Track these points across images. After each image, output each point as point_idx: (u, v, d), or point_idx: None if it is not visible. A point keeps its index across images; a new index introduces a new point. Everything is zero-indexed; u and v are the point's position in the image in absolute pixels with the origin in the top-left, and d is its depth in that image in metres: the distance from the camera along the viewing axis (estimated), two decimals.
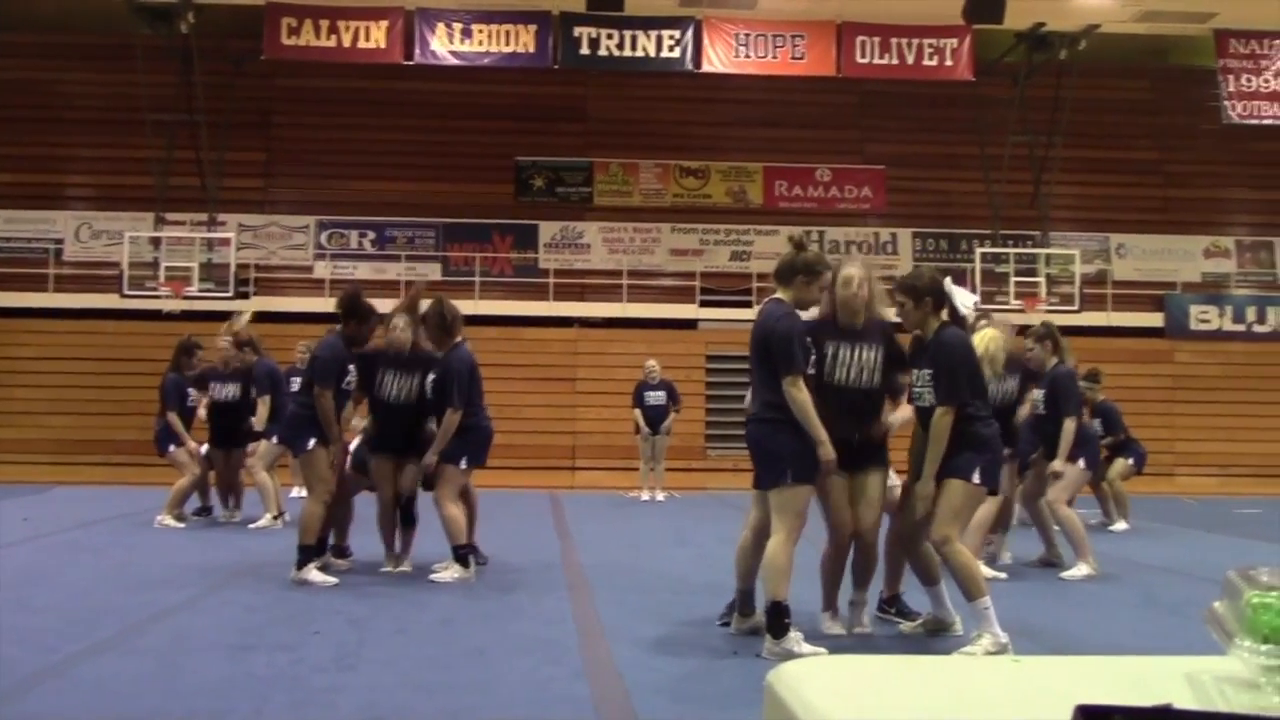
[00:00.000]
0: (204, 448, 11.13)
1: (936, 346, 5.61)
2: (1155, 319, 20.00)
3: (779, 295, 5.67)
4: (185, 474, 10.89)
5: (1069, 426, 8.14)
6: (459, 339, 7.74)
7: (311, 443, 7.44)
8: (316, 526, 7.45)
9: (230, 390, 11.00)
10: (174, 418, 10.78)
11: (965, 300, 5.90)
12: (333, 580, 7.34)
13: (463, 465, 7.65)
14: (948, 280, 5.79)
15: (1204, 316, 20.00)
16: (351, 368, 7.63)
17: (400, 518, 7.96)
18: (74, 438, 17.72)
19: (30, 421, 17.90)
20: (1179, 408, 19.34)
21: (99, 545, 9.52)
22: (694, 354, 18.99)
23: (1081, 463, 8.36)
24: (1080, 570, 8.00)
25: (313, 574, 7.28)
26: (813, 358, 5.64)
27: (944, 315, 5.73)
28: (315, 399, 7.45)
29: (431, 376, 7.71)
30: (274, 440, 10.30)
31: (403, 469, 7.85)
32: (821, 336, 5.74)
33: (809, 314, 5.75)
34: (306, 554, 7.34)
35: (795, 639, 5.31)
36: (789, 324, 5.51)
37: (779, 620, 5.35)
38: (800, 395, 5.41)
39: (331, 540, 7.97)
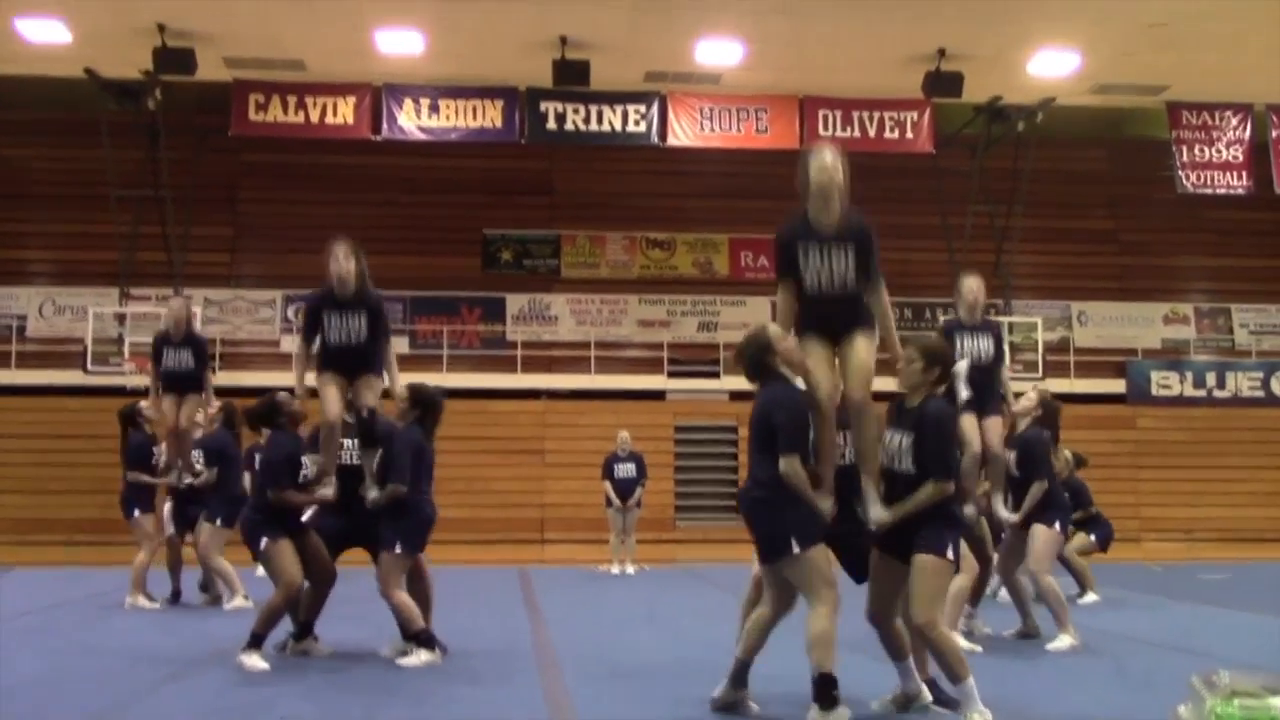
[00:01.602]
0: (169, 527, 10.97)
1: (925, 417, 5.56)
2: (1117, 385, 20.21)
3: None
4: (144, 547, 10.63)
5: (1036, 489, 8.20)
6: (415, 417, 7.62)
7: (264, 543, 7.27)
8: (275, 619, 7.26)
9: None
10: (139, 476, 10.61)
11: (963, 391, 5.92)
12: (263, 665, 6.99)
13: (398, 550, 7.38)
14: (961, 364, 5.81)
15: (1165, 382, 20.23)
16: (305, 459, 7.51)
17: (362, 433, 7.62)
18: (33, 516, 17.44)
19: None
20: (1143, 473, 19.49)
21: (58, 630, 9.34)
22: (662, 425, 18.99)
23: (1056, 525, 8.37)
24: (1064, 641, 7.98)
25: (251, 658, 7.03)
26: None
27: (939, 390, 5.74)
28: (273, 500, 7.34)
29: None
30: (217, 522, 10.19)
31: (354, 388, 7.62)
32: (792, 241, 5.67)
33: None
34: (255, 640, 7.11)
35: (843, 715, 5.28)
36: (793, 407, 5.52)
37: (828, 693, 5.30)
38: (797, 474, 5.40)
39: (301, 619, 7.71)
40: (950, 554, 5.51)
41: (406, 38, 17.07)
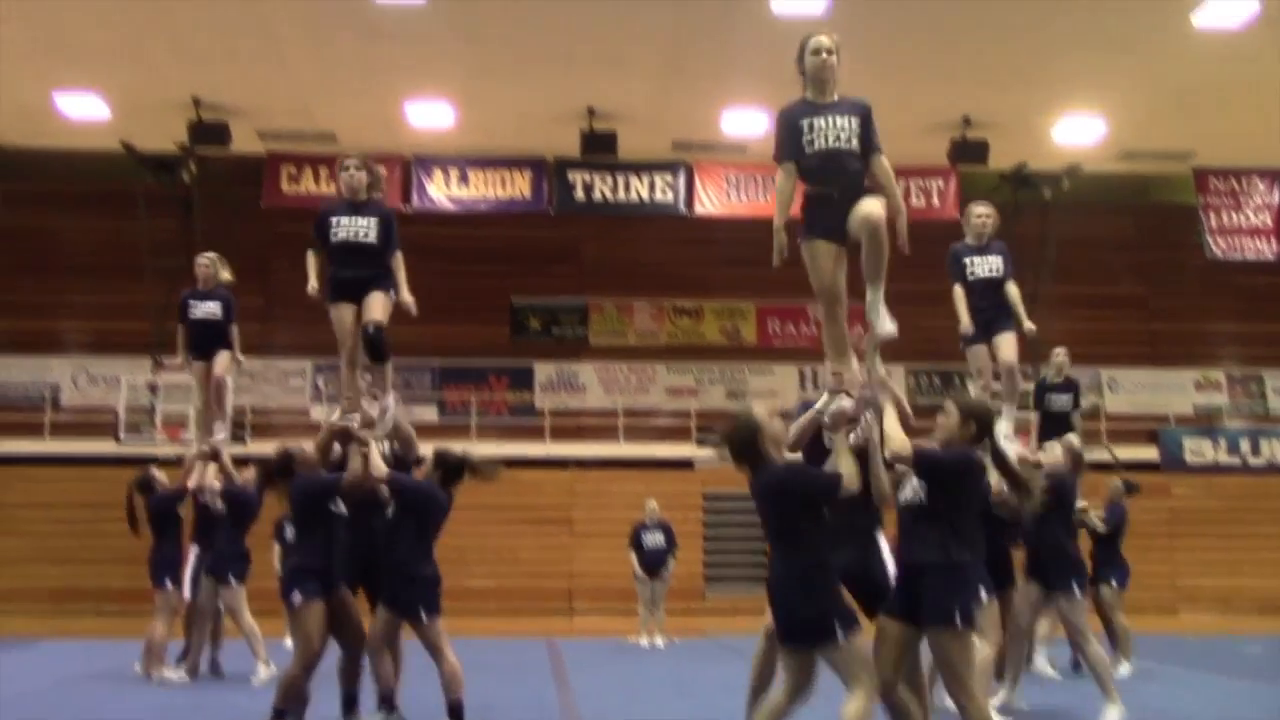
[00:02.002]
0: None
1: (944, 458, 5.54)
2: (1150, 453, 20.00)
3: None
4: (162, 619, 10.39)
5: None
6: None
7: (298, 598, 6.92)
8: (293, 691, 6.94)
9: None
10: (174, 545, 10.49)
11: (1008, 446, 5.81)
12: None
13: (425, 619, 7.03)
14: (1003, 425, 5.68)
15: (1198, 450, 20.02)
16: (336, 498, 7.18)
17: (369, 348, 7.46)
18: (64, 586, 17.49)
19: (18, 571, 17.68)
20: (1178, 543, 19.22)
21: (85, 706, 9.28)
22: (691, 493, 18.91)
23: (1075, 590, 8.23)
24: (1113, 714, 7.76)
25: None
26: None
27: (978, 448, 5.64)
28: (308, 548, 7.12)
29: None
30: (232, 580, 10.13)
31: (362, 305, 7.43)
32: (794, 117, 5.69)
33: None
34: (278, 716, 6.85)
35: None
36: (808, 470, 5.45)
37: None
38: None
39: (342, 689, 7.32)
40: (959, 619, 5.35)
41: (436, 110, 17.32)
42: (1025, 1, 14.02)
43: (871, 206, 5.55)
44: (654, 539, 15.10)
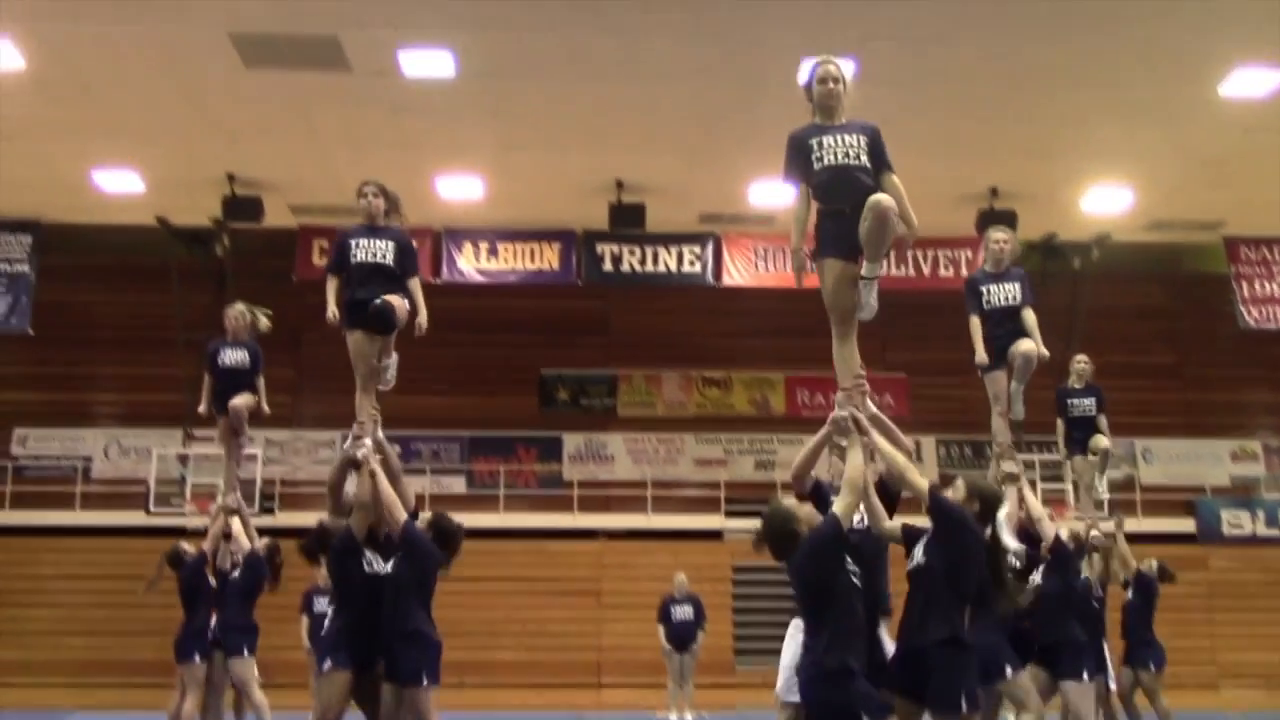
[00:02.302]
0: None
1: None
2: (1187, 524, 19.71)
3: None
4: (191, 694, 10.25)
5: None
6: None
7: (327, 664, 6.79)
8: None
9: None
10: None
11: (1009, 539, 5.79)
12: None
13: (425, 683, 6.79)
14: (1003, 515, 5.64)
15: (1236, 522, 19.71)
16: (369, 552, 7.06)
17: (376, 318, 7.35)
18: (92, 659, 17.46)
19: (48, 643, 17.68)
20: (1218, 616, 18.86)
21: None
22: (720, 565, 18.74)
23: (1085, 676, 8.04)
24: None
25: None
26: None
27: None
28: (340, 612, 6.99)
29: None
30: (245, 652, 9.99)
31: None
32: (803, 137, 5.72)
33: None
34: None
35: None
36: (808, 542, 5.31)
37: None
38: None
39: None
40: (965, 707, 5.22)
41: (466, 183, 17.50)
42: (1051, 75, 14.08)
43: (881, 194, 5.55)
44: (682, 612, 14.96)
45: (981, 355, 8.23)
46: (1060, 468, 19.17)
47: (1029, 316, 8.34)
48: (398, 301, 7.40)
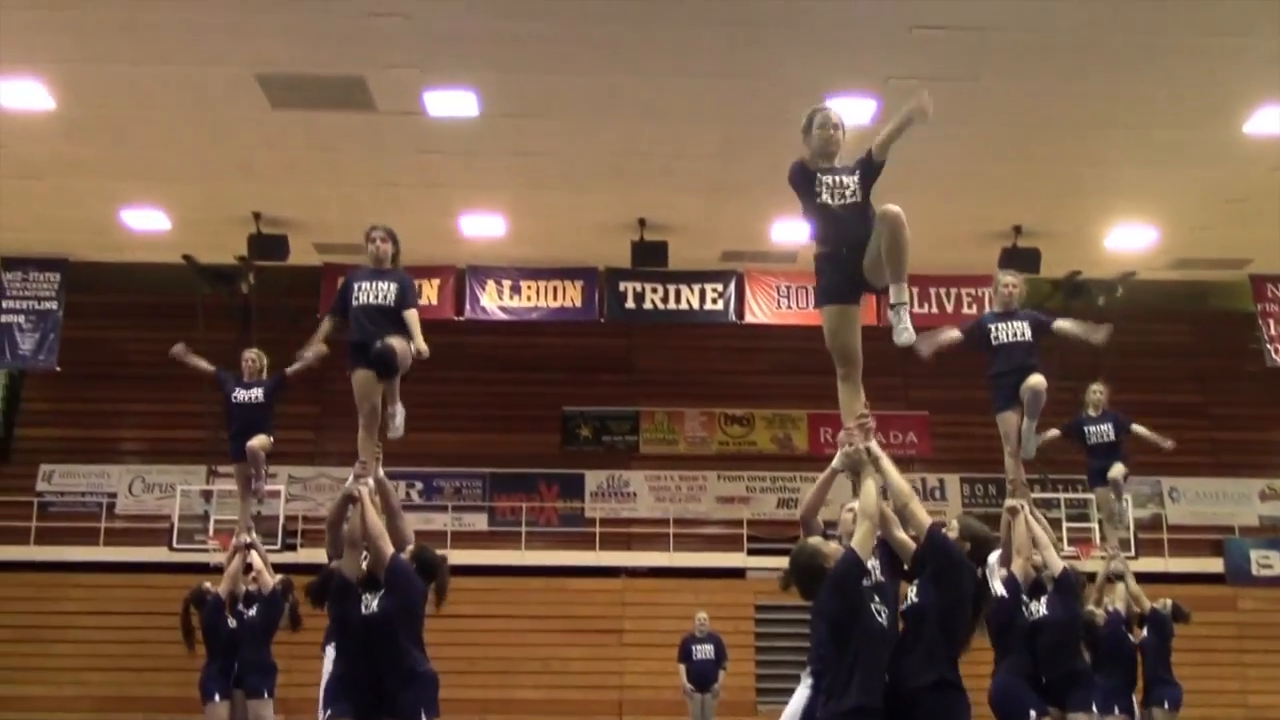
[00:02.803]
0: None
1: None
2: (1215, 564, 19.49)
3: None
4: None
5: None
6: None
7: (328, 715, 6.72)
8: None
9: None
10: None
11: (997, 585, 5.69)
12: None
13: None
14: (995, 558, 5.58)
15: (1265, 562, 19.47)
16: (366, 594, 6.93)
17: (379, 362, 7.36)
18: (114, 694, 17.47)
19: (71, 678, 17.71)
20: (1248, 658, 18.61)
21: None
22: (742, 604, 18.64)
23: (1095, 708, 7.93)
24: None
25: None
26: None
27: None
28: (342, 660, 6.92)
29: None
30: (265, 694, 9.97)
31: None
32: (805, 180, 5.82)
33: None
34: None
35: None
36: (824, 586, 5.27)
37: None
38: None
39: None
40: None
41: (490, 222, 17.60)
42: (1075, 114, 14.08)
43: (891, 206, 5.57)
44: (703, 651, 14.86)
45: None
46: (1087, 506, 19.07)
47: (1063, 324, 8.45)
48: (399, 344, 7.45)
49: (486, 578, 17.61)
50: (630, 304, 18.39)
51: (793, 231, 17.71)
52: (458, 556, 18.41)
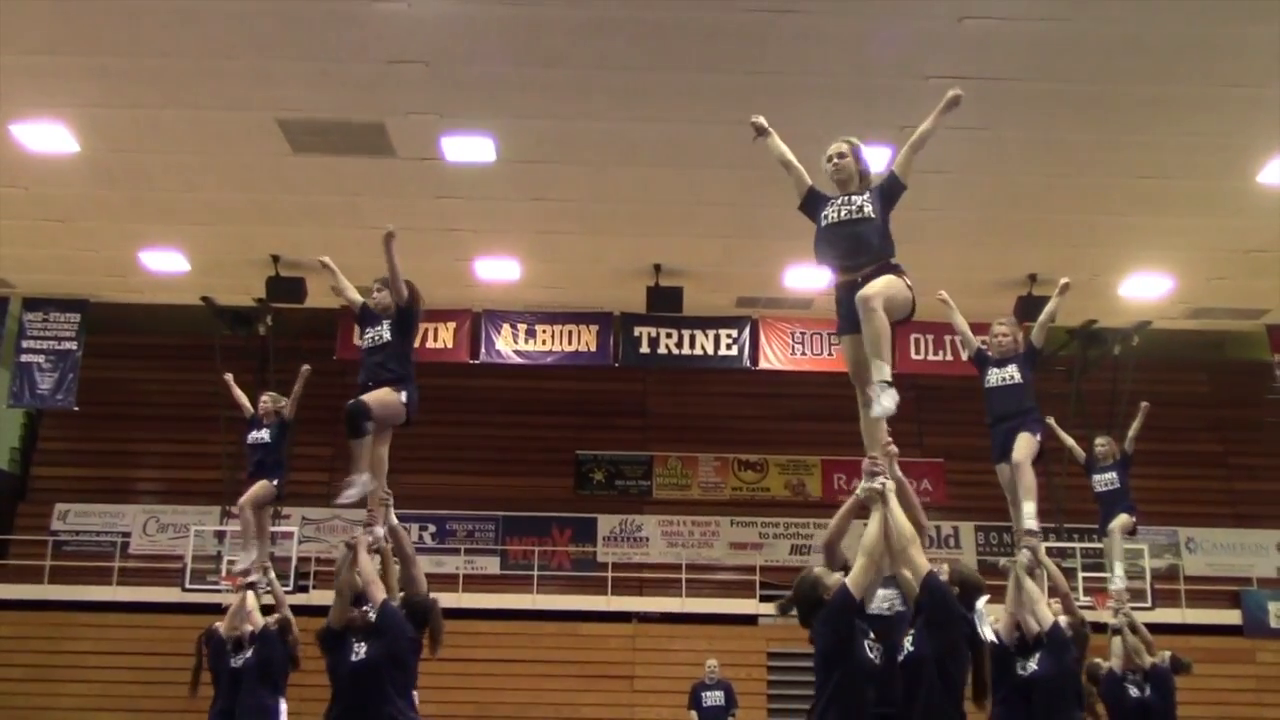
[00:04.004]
0: None
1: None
2: (1233, 616, 19.31)
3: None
4: None
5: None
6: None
7: None
8: None
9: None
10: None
11: (987, 631, 5.57)
12: None
13: None
14: (982, 605, 5.48)
15: None
16: (356, 643, 6.86)
17: (346, 421, 7.32)
18: None
19: (80, 719, 17.65)
20: (1267, 711, 18.37)
21: None
22: (754, 651, 18.52)
23: None
24: None
25: None
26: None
27: None
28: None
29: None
30: None
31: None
32: (816, 206, 5.93)
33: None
34: None
35: None
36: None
37: None
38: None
39: None
40: None
41: (505, 266, 17.68)
42: (1091, 163, 14.13)
43: (867, 288, 5.61)
44: (713, 698, 14.77)
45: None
46: (1102, 555, 18.93)
47: (1040, 320, 8.72)
48: (378, 399, 7.45)
49: (498, 621, 17.57)
50: (645, 349, 18.43)
51: (807, 278, 17.77)
52: (469, 600, 18.49)
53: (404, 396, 7.58)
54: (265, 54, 12.20)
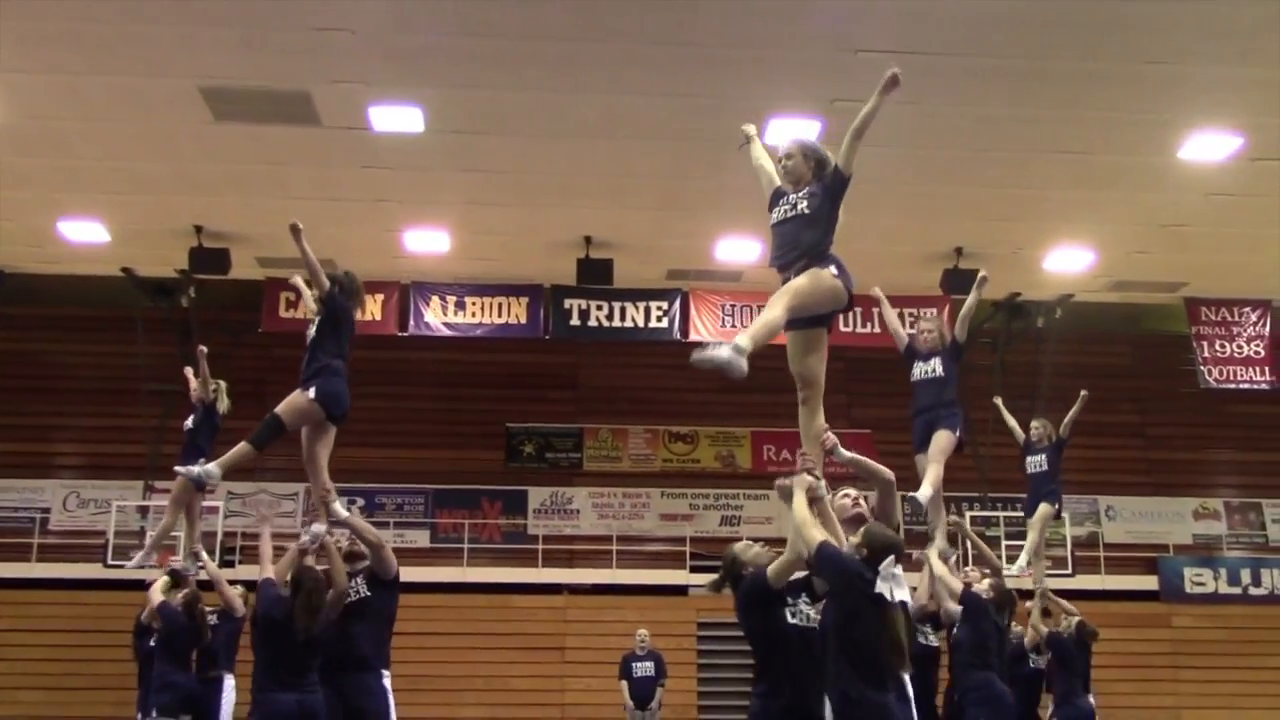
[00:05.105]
0: None
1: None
2: (1150, 582, 19.80)
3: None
4: None
5: None
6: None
7: None
8: None
9: None
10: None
11: (894, 591, 5.40)
12: None
13: None
14: (889, 565, 5.35)
15: (1199, 579, 19.82)
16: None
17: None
18: (48, 714, 17.10)
19: (3, 697, 17.31)
20: (1182, 674, 18.90)
21: None
22: (685, 621, 18.63)
23: None
24: None
25: None
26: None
27: None
28: None
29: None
30: (152, 714, 9.82)
31: None
32: (772, 201, 5.99)
33: None
34: None
35: None
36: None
37: None
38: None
39: None
40: None
41: (434, 237, 17.53)
42: (1016, 139, 14.30)
43: (785, 286, 5.66)
44: (643, 668, 14.89)
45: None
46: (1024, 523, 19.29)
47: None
48: (284, 405, 7.59)
49: (429, 594, 17.48)
50: (575, 321, 18.40)
51: (737, 251, 17.84)
52: (400, 573, 18.33)
53: (311, 393, 7.39)
54: (188, 20, 11.94)
